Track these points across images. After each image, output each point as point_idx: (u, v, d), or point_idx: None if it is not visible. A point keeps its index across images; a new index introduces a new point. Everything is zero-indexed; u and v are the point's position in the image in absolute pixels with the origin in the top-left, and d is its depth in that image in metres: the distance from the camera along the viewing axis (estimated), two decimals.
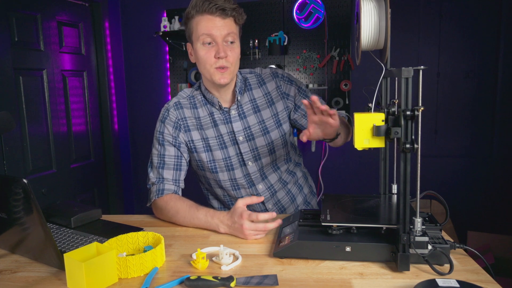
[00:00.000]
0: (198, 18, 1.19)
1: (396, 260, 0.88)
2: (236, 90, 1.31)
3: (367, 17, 0.93)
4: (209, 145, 1.32)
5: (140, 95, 3.33)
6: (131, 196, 3.44)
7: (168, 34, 2.99)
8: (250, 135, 1.32)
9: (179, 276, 0.89)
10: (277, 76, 1.36)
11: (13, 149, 2.24)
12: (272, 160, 1.37)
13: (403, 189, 0.85)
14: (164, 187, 1.28)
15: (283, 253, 0.95)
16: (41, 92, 2.49)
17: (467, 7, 2.70)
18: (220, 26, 1.17)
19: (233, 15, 1.18)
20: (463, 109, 2.79)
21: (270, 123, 1.34)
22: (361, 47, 0.96)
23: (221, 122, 1.32)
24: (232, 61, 1.22)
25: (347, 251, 0.91)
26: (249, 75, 1.37)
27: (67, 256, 0.84)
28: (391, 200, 1.11)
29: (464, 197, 2.83)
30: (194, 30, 1.21)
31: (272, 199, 1.40)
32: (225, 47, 1.20)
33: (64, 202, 1.40)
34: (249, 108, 1.33)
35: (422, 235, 0.86)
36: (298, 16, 2.89)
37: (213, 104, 1.32)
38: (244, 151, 1.33)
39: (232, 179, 1.35)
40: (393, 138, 0.85)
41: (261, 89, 1.35)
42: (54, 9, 2.59)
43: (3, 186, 0.92)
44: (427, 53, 2.80)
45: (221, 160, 1.32)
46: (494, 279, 0.83)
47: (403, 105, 0.82)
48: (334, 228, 0.94)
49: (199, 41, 1.20)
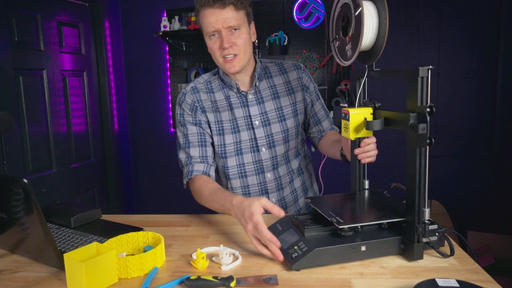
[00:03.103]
0: (202, 12, 1.22)
1: (406, 251, 0.92)
2: (255, 75, 1.34)
3: (369, 19, 0.92)
4: (222, 128, 1.33)
5: (140, 95, 3.33)
6: (131, 196, 3.44)
7: (168, 34, 2.99)
8: (266, 120, 1.34)
9: (179, 276, 0.89)
10: (299, 68, 1.41)
11: (13, 149, 2.24)
12: (285, 150, 1.38)
13: (418, 182, 0.88)
14: (193, 168, 1.30)
15: (302, 264, 0.89)
16: (41, 92, 2.50)
17: (467, 7, 2.70)
18: (221, 16, 1.19)
19: (232, 2, 1.19)
20: (463, 109, 2.79)
21: (288, 111, 1.37)
22: (359, 48, 0.95)
23: (238, 106, 1.34)
24: (241, 47, 1.24)
25: (362, 251, 0.92)
26: (270, 64, 1.42)
27: (67, 256, 0.84)
28: (376, 195, 1.14)
29: (464, 197, 2.83)
30: (201, 24, 1.25)
31: (277, 193, 1.39)
32: (229, 37, 1.22)
33: (64, 202, 1.40)
34: (267, 94, 1.36)
35: (431, 223, 0.90)
36: (298, 16, 2.89)
37: (231, 87, 1.35)
38: (259, 136, 1.34)
39: (240, 164, 1.36)
40: None
41: (282, 77, 1.39)
42: (54, 9, 2.60)
43: (3, 186, 0.92)
44: (427, 53, 2.80)
45: (232, 145, 1.34)
46: (475, 260, 0.88)
47: (419, 102, 0.86)
48: (345, 230, 0.93)
49: (206, 34, 1.25)
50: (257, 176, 1.37)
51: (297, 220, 1.03)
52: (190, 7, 3.04)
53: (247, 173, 1.37)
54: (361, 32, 0.91)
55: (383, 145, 2.87)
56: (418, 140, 0.85)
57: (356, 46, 0.95)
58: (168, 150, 3.32)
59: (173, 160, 3.42)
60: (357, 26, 0.93)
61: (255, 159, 1.35)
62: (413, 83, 0.86)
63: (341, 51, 1.05)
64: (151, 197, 3.45)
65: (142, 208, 3.46)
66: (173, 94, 3.24)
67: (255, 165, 1.36)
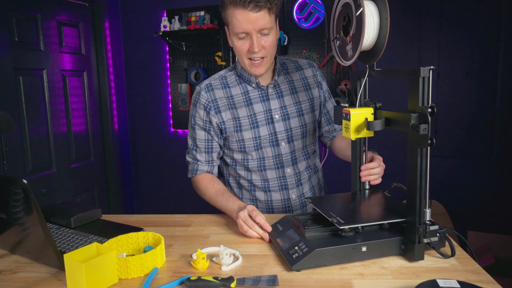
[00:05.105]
0: (232, 10, 1.18)
1: (407, 252, 0.92)
2: (276, 69, 1.35)
3: (370, 19, 0.92)
4: (240, 124, 1.33)
5: (140, 95, 3.33)
6: (131, 196, 3.44)
7: (168, 34, 2.98)
8: (286, 114, 1.35)
9: (179, 276, 0.88)
10: (314, 66, 1.44)
11: (13, 149, 2.24)
12: (303, 145, 1.39)
13: (419, 183, 0.88)
14: (198, 167, 1.38)
15: (303, 264, 0.89)
16: (41, 92, 2.49)
17: (467, 7, 2.70)
18: (254, 20, 1.16)
19: (267, 7, 1.16)
20: (463, 109, 2.79)
21: (306, 106, 1.38)
22: (360, 48, 0.95)
23: (257, 100, 1.34)
24: (269, 50, 1.24)
25: (363, 251, 0.92)
26: (286, 61, 1.43)
27: (67, 257, 0.84)
28: (376, 195, 1.14)
29: (464, 197, 2.83)
30: (230, 21, 1.21)
31: (296, 189, 1.40)
32: (259, 40, 1.20)
33: (64, 202, 1.40)
34: (286, 89, 1.37)
35: (432, 224, 0.90)
36: (298, 16, 2.89)
37: (249, 82, 1.34)
38: (279, 130, 1.34)
39: (260, 158, 1.36)
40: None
41: (299, 73, 1.40)
42: (54, 9, 2.59)
43: (3, 186, 0.92)
44: (427, 53, 2.80)
45: (251, 140, 1.34)
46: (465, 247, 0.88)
47: (420, 103, 0.86)
48: (345, 230, 0.93)
49: (234, 34, 1.22)
50: (277, 170, 1.37)
51: (297, 221, 1.03)
52: (190, 7, 3.04)
53: (266, 167, 1.37)
54: (362, 32, 0.91)
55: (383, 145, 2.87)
56: (419, 141, 0.85)
57: (357, 46, 0.95)
58: (168, 150, 3.32)
59: (173, 160, 3.43)
60: (358, 26, 0.93)
61: (275, 153, 1.35)
62: (415, 83, 0.86)
63: (341, 50, 1.04)
64: (151, 197, 3.45)
65: (142, 208, 3.46)
66: (173, 94, 3.24)
67: (274, 160, 1.36)
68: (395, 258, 0.94)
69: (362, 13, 0.90)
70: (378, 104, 1.01)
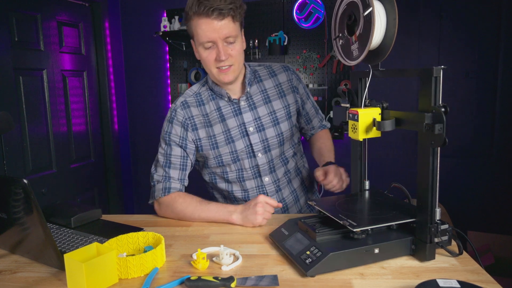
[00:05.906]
0: (196, 21, 1.17)
1: (418, 251, 0.92)
2: (246, 81, 1.32)
3: (378, 19, 0.90)
4: (216, 141, 1.33)
5: (140, 95, 3.33)
6: (131, 196, 3.44)
7: (168, 34, 2.99)
8: (260, 125, 1.34)
9: (179, 276, 0.88)
10: (289, 69, 1.41)
11: (13, 149, 2.24)
12: (280, 153, 1.38)
13: (430, 183, 0.88)
14: (171, 185, 1.30)
15: (318, 269, 0.86)
16: (41, 92, 2.49)
17: (467, 7, 2.70)
18: (219, 28, 1.16)
19: (231, 14, 1.17)
20: (463, 109, 2.79)
21: (281, 114, 1.36)
22: (368, 48, 0.93)
23: (230, 115, 1.33)
24: (236, 58, 1.23)
25: (375, 253, 0.91)
26: (258, 68, 1.40)
27: (67, 257, 0.84)
28: (379, 196, 1.13)
29: (464, 197, 2.83)
30: (195, 32, 1.20)
31: (276, 195, 1.40)
32: (225, 48, 1.20)
33: (64, 202, 1.40)
34: (259, 99, 1.35)
35: (442, 223, 0.90)
36: (298, 16, 2.89)
37: (221, 97, 1.33)
38: (254, 142, 1.33)
39: (239, 170, 1.36)
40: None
41: (272, 80, 1.38)
42: (54, 9, 2.59)
43: (3, 186, 0.92)
44: (427, 53, 2.80)
45: (228, 154, 1.33)
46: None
47: (432, 102, 0.86)
48: (357, 233, 0.91)
49: (200, 44, 1.21)
50: (255, 180, 1.37)
51: (305, 224, 0.99)
52: None
53: (245, 178, 1.37)
54: (371, 33, 0.89)
55: (382, 145, 2.87)
56: (433, 140, 0.85)
57: (364, 46, 0.92)
58: None
59: None
60: (366, 26, 0.91)
61: (252, 164, 1.35)
62: (427, 83, 0.86)
63: (345, 50, 1.02)
64: None
65: (142, 208, 3.46)
66: (173, 94, 3.24)
67: (252, 170, 1.36)
68: (395, 258, 0.94)
69: (372, 13, 0.88)
70: (385, 104, 0.99)
